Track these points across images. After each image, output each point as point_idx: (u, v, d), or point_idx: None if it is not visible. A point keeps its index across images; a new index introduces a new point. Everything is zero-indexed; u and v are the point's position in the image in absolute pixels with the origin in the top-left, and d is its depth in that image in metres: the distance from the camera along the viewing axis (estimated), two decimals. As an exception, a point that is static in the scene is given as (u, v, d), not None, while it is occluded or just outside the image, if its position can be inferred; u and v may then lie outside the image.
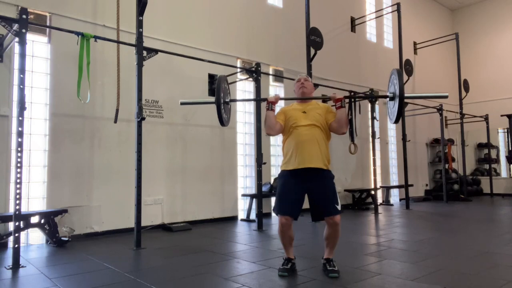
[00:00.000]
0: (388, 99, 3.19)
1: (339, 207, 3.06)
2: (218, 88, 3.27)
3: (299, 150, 3.06)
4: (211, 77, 6.51)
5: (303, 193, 3.11)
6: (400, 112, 3.04)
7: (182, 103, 3.63)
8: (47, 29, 4.86)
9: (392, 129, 10.30)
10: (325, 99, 3.49)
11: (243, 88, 7.09)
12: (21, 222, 3.93)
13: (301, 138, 3.07)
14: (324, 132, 3.16)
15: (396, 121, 3.19)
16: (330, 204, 3.03)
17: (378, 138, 8.71)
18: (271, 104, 3.20)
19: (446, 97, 3.07)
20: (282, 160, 3.24)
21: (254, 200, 6.39)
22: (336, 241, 3.14)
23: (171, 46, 5.76)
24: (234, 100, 3.72)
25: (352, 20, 9.36)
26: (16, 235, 3.54)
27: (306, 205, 3.20)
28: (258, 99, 3.38)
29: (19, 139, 3.57)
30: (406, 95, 3.01)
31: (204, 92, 6.43)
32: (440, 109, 9.44)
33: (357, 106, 7.84)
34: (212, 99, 3.31)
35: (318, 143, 3.08)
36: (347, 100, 3.31)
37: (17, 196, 3.55)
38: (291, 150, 3.11)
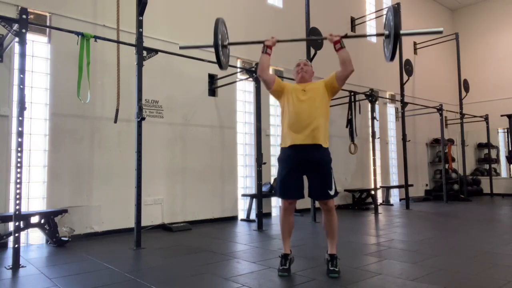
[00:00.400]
0: (384, 37, 3.19)
1: (332, 192, 3.04)
2: (215, 31, 3.28)
3: (298, 126, 3.05)
4: (211, 77, 6.51)
5: (303, 173, 3.11)
6: (395, 50, 3.05)
7: (181, 47, 3.74)
8: (47, 29, 4.86)
9: (392, 129, 10.30)
10: (322, 39, 3.50)
11: (243, 88, 7.09)
12: (21, 222, 3.93)
13: (300, 114, 3.07)
14: (323, 107, 3.14)
15: (391, 59, 3.18)
16: (323, 188, 3.03)
17: (378, 138, 8.71)
18: (267, 47, 3.22)
19: (440, 32, 3.05)
20: (281, 137, 3.23)
21: (254, 200, 6.39)
22: (334, 229, 3.11)
23: (171, 46, 5.76)
24: (233, 43, 3.74)
25: (352, 20, 9.36)
26: (16, 235, 3.54)
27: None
28: (256, 42, 3.38)
29: (19, 139, 3.57)
30: (401, 32, 3.04)
31: (204, 92, 6.43)
32: (440, 109, 9.44)
33: (357, 106, 7.89)
34: (211, 43, 3.31)
35: (317, 119, 3.06)
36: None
37: (17, 196, 3.55)
38: (289, 126, 3.11)
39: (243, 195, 6.80)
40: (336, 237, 3.16)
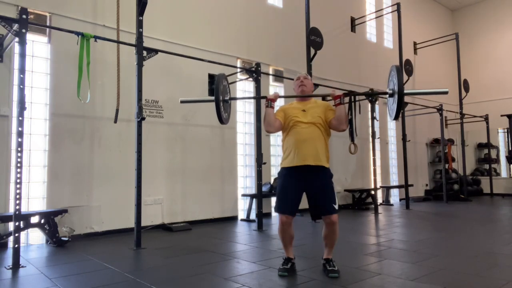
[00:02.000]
0: (387, 96, 3.19)
1: (336, 207, 3.07)
2: (217, 86, 3.29)
3: (298, 148, 3.07)
4: (211, 77, 6.51)
5: (302, 191, 3.13)
6: (400, 109, 3.04)
7: (182, 101, 3.64)
8: (47, 29, 4.86)
9: (392, 129, 10.30)
10: (324, 96, 3.50)
11: (243, 88, 7.09)
12: (21, 222, 3.93)
13: (300, 136, 3.09)
14: (323, 130, 3.16)
15: (395, 118, 3.19)
16: (327, 203, 3.04)
17: (378, 138, 8.71)
18: (271, 101, 3.22)
19: (446, 93, 3.05)
20: (282, 158, 3.25)
21: (254, 200, 6.39)
22: (334, 241, 3.14)
23: (171, 46, 5.76)
24: (234, 99, 3.74)
25: (352, 20, 9.36)
26: (16, 235, 3.54)
27: (306, 204, 3.20)
28: (258, 97, 3.40)
29: (19, 139, 3.57)
30: (405, 91, 3.01)
31: (204, 92, 6.43)
32: (440, 109, 9.44)
33: (357, 106, 7.86)
34: (212, 97, 3.32)
35: (317, 141, 3.09)
36: (347, 100, 3.31)
37: (17, 196, 3.55)
38: (290, 148, 3.13)
39: (243, 195, 6.80)
40: (334, 247, 3.18)
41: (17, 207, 3.54)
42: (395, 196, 9.97)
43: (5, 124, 4.56)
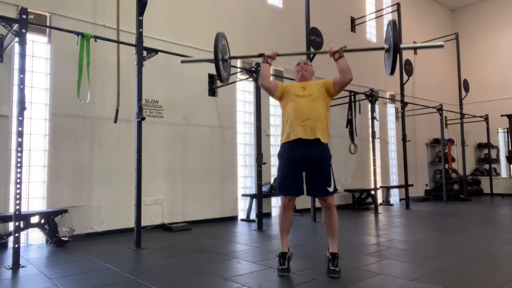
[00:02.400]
0: (384, 51, 3.20)
1: (331, 189, 3.05)
2: (216, 45, 3.30)
3: (297, 122, 3.07)
4: (211, 77, 6.51)
5: (302, 169, 3.12)
6: (395, 63, 3.07)
7: (182, 62, 3.78)
8: (47, 29, 4.86)
9: (392, 129, 10.30)
10: (322, 53, 3.50)
11: (243, 88, 7.09)
12: (21, 222, 3.93)
13: (299, 110, 3.09)
14: (323, 104, 3.16)
15: (391, 73, 3.19)
16: (322, 185, 3.04)
17: (378, 138, 8.71)
18: (268, 57, 3.26)
19: (442, 46, 3.06)
20: (281, 132, 3.25)
21: (254, 200, 6.39)
22: (334, 227, 3.11)
23: (171, 46, 5.76)
24: (234, 57, 3.75)
25: (352, 20, 9.36)
26: (16, 235, 3.54)
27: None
28: (256, 55, 3.40)
29: (19, 139, 3.57)
30: (401, 46, 3.04)
31: (204, 92, 6.43)
32: (440, 109, 9.44)
33: (357, 106, 7.88)
34: (212, 57, 3.35)
35: (316, 114, 3.08)
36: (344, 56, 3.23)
37: (17, 196, 3.55)
38: (288, 122, 3.13)
39: (243, 195, 6.80)
40: (337, 235, 3.15)
41: (17, 207, 3.54)
42: (395, 196, 9.97)
43: (5, 124, 4.56)
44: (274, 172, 7.25)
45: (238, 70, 6.38)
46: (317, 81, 3.30)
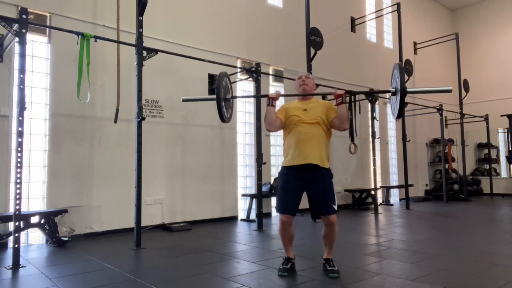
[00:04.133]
0: (390, 94, 3.19)
1: (335, 207, 3.08)
2: (218, 85, 3.28)
3: (299, 147, 3.07)
4: (211, 77, 6.51)
5: (302, 191, 3.14)
6: (402, 107, 3.04)
7: (184, 100, 3.67)
8: (47, 29, 4.86)
9: (392, 129, 10.30)
10: (325, 95, 3.50)
11: (243, 88, 7.08)
12: (21, 222, 3.93)
13: (301, 135, 3.09)
14: (324, 129, 3.16)
15: (398, 117, 3.19)
16: (327, 203, 3.05)
17: (378, 138, 8.70)
18: (272, 100, 3.21)
19: (450, 91, 3.02)
20: (283, 154, 3.27)
21: (254, 200, 6.39)
22: (333, 241, 3.14)
23: (171, 46, 5.76)
24: (236, 97, 3.74)
25: (352, 20, 9.36)
26: (16, 235, 3.54)
27: (306, 204, 3.20)
28: (260, 96, 3.41)
29: (19, 139, 3.57)
30: (408, 89, 3.00)
31: (204, 92, 6.43)
32: (440, 109, 9.44)
33: (357, 106, 7.87)
34: (214, 96, 3.31)
35: (318, 140, 3.09)
36: (348, 99, 3.31)
37: (17, 196, 3.55)
38: (291, 147, 3.13)
39: (243, 195, 6.80)
40: (334, 247, 3.19)
41: (17, 207, 3.54)
42: (395, 196, 9.97)
43: (5, 124, 4.56)
44: (274, 172, 7.25)
45: (238, 70, 6.38)
46: (320, 102, 3.28)
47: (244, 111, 7.05)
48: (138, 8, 4.51)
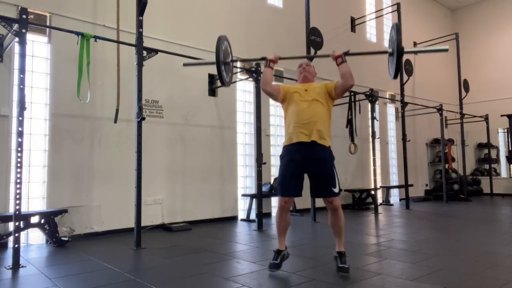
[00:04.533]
0: (388, 55, 3.21)
1: (336, 190, 3.07)
2: (217, 48, 3.31)
3: (299, 125, 3.08)
4: (211, 77, 6.51)
5: (303, 172, 3.13)
6: (399, 67, 3.08)
7: (184, 65, 3.85)
8: (47, 29, 4.86)
9: (392, 129, 10.30)
10: (325, 56, 3.49)
11: (243, 88, 7.09)
12: (21, 222, 3.93)
13: (302, 113, 3.10)
14: (325, 107, 3.17)
15: (395, 76, 3.20)
16: (327, 186, 3.05)
17: (378, 138, 8.71)
18: (270, 61, 3.27)
19: (446, 50, 3.07)
20: (284, 134, 3.27)
21: (254, 200, 6.39)
22: (341, 228, 3.14)
23: (171, 46, 5.76)
24: (236, 60, 3.77)
25: (352, 20, 9.36)
26: (16, 235, 3.54)
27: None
28: (258, 59, 3.45)
29: (19, 139, 3.57)
30: (405, 50, 3.03)
31: (204, 92, 6.43)
32: (440, 109, 9.44)
33: (357, 106, 7.88)
34: (214, 60, 3.35)
35: (318, 118, 3.09)
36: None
37: (17, 196, 3.55)
38: (291, 124, 3.14)
39: (243, 195, 6.80)
40: (344, 235, 3.19)
41: (17, 207, 3.54)
42: (395, 196, 9.97)
43: (5, 124, 4.56)
44: (274, 172, 7.25)
45: (238, 70, 6.38)
46: (320, 84, 3.30)
47: (244, 111, 7.05)
48: (138, 8, 4.51)
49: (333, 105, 3.31)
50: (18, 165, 3.56)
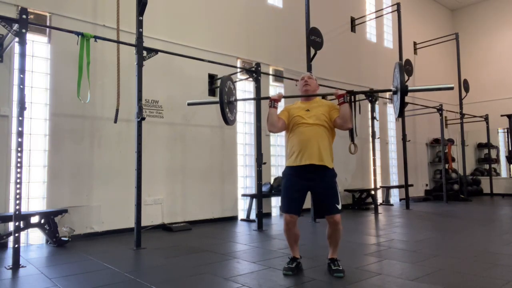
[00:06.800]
0: (392, 93, 3.20)
1: (339, 207, 3.09)
2: (221, 89, 3.31)
3: (302, 148, 3.08)
4: (211, 77, 6.52)
5: (306, 191, 3.16)
6: (403, 106, 3.05)
7: (189, 104, 3.79)
8: (47, 29, 4.86)
9: (392, 129, 10.30)
10: (327, 95, 3.50)
11: (243, 88, 7.08)
12: (21, 222, 3.93)
13: (305, 135, 3.10)
14: (327, 130, 3.17)
15: (399, 116, 3.19)
16: (331, 203, 3.06)
17: (378, 138, 8.71)
18: (274, 101, 3.24)
19: (451, 88, 3.00)
20: (287, 157, 3.28)
21: (254, 200, 6.39)
22: (338, 240, 3.15)
23: (171, 46, 5.76)
24: (239, 100, 3.77)
25: (352, 20, 9.36)
26: (16, 235, 3.54)
27: (307, 204, 3.22)
28: (262, 98, 3.46)
29: (19, 139, 3.57)
30: (409, 88, 2.98)
31: (204, 92, 6.43)
32: (440, 109, 9.44)
33: (357, 106, 7.87)
34: (218, 99, 3.36)
35: (321, 140, 3.10)
36: (349, 99, 3.30)
37: (17, 196, 3.55)
38: (294, 148, 3.14)
39: (243, 195, 6.80)
40: (339, 246, 3.20)
41: (17, 207, 3.54)
42: (395, 196, 9.97)
43: (5, 124, 4.56)
44: (274, 172, 7.25)
45: (238, 70, 6.38)
46: (323, 102, 3.30)
47: (244, 111, 7.05)
48: (138, 8, 4.51)
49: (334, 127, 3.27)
50: (18, 165, 3.56)
